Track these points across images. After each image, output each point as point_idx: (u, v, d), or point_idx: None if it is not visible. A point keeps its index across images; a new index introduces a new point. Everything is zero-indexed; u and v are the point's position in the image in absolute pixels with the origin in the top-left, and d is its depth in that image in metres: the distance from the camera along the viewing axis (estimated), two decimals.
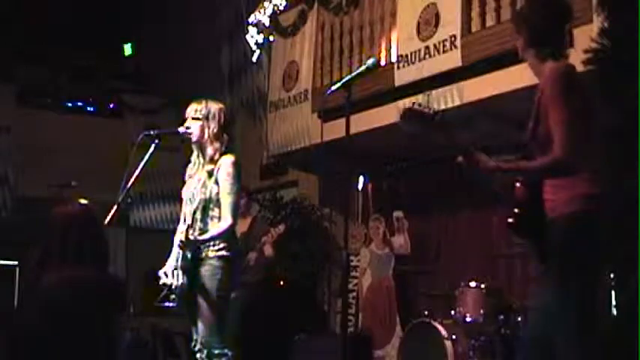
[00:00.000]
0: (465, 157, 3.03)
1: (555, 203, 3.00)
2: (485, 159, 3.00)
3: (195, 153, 4.23)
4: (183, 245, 3.92)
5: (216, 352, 3.95)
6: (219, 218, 4.04)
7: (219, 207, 4.04)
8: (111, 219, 3.76)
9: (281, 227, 6.63)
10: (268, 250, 6.55)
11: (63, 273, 2.77)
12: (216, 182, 4.04)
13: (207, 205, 4.04)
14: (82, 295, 2.76)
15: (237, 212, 4.09)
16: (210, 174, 4.07)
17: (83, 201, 3.78)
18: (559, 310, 2.94)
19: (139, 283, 8.58)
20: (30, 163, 10.19)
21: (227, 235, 4.04)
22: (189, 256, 3.97)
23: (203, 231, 4.03)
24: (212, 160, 4.10)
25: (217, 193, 4.03)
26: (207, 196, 4.04)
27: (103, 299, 2.81)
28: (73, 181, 7.85)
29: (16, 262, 7.71)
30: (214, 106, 4.19)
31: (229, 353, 3.97)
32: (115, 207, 3.85)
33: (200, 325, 3.97)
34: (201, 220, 4.04)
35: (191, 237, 3.93)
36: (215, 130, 4.12)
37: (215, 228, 4.02)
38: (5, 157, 10.53)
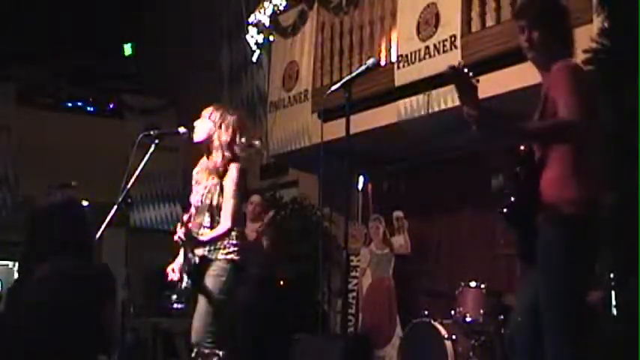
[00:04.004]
0: (482, 115, 2.90)
1: (554, 203, 3.01)
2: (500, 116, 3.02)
3: (204, 157, 4.21)
4: (182, 241, 3.91)
5: (207, 351, 3.94)
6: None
7: None
8: (111, 219, 3.76)
9: (270, 213, 6.67)
10: (262, 239, 6.60)
11: (50, 265, 2.76)
12: (222, 189, 4.05)
13: (213, 212, 4.06)
14: (70, 286, 2.75)
15: (237, 217, 4.08)
16: (217, 182, 4.07)
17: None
18: (550, 311, 2.95)
19: (139, 283, 8.58)
20: (30, 163, 10.19)
21: (236, 237, 4.05)
22: (192, 261, 3.98)
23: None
24: (218, 169, 4.07)
25: (222, 201, 4.04)
26: (214, 202, 4.05)
27: (91, 289, 2.80)
28: (73, 181, 7.85)
29: (16, 262, 7.72)
30: (229, 116, 4.15)
31: (220, 353, 3.95)
32: (115, 207, 3.86)
33: (194, 322, 3.97)
34: (209, 227, 4.05)
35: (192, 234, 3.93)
36: (227, 140, 4.08)
37: (214, 231, 4.02)
38: (5, 157, 10.53)
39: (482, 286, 5.89)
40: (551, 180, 3.04)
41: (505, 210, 3.14)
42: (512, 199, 3.13)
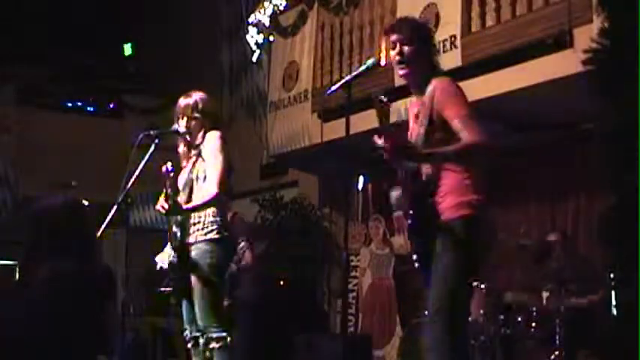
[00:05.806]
0: (392, 142, 3.19)
1: (445, 208, 3.25)
2: (414, 145, 3.25)
3: (183, 143, 4.21)
4: (164, 210, 3.88)
5: (215, 335, 3.91)
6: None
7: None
8: (111, 219, 3.76)
9: (261, 247, 6.61)
10: (248, 259, 6.55)
11: (51, 265, 2.76)
12: (203, 159, 4.02)
13: (192, 186, 4.02)
14: (70, 286, 2.75)
15: (223, 183, 3.95)
16: (198, 154, 4.05)
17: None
18: (439, 296, 3.22)
19: (139, 283, 8.58)
20: (30, 163, 10.20)
21: (215, 213, 3.98)
22: (178, 235, 3.97)
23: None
24: (200, 144, 4.08)
25: (204, 170, 3.99)
26: (195, 174, 4.02)
27: (91, 289, 2.80)
28: (73, 181, 7.86)
29: (16, 262, 7.72)
30: (203, 98, 4.17)
31: (228, 338, 3.93)
32: (115, 207, 3.86)
33: (196, 309, 3.95)
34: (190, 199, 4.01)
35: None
36: (211, 124, 4.12)
37: (200, 197, 3.96)
38: (5, 157, 10.53)
39: (482, 286, 5.89)
40: (451, 187, 3.26)
41: (409, 222, 3.40)
42: (412, 212, 3.38)
